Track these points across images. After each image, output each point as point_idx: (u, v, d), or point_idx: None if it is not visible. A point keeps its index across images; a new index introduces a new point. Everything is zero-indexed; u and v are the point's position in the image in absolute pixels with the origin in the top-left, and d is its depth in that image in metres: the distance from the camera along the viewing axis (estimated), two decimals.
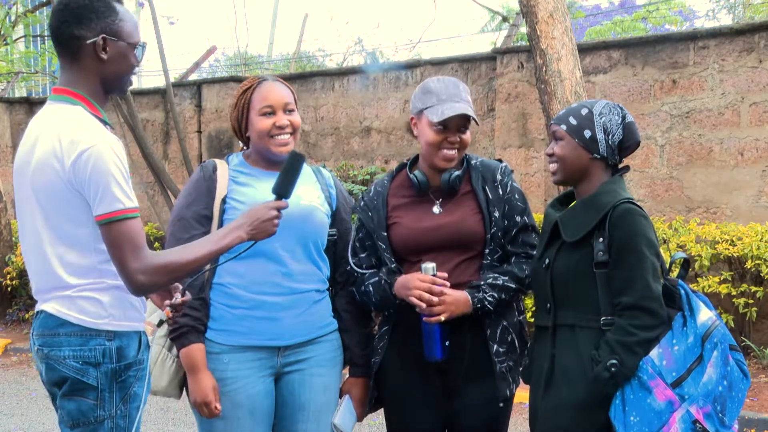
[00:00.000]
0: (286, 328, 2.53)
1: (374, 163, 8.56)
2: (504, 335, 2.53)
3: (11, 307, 9.06)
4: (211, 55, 11.75)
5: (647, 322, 2.19)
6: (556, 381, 2.31)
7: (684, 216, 6.74)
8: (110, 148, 2.00)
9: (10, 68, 12.06)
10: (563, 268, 2.33)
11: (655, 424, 2.15)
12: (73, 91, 2.09)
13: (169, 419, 5.41)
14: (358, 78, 8.71)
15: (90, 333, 2.06)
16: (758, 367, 5.81)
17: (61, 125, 2.03)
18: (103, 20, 2.07)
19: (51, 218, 2.05)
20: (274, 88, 2.59)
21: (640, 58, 7.08)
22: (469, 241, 2.53)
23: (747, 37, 6.61)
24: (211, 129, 9.36)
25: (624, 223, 2.24)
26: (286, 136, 2.55)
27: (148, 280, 1.99)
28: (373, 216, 2.58)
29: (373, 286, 2.56)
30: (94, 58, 2.08)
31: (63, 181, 2.00)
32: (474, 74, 8.04)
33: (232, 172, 2.58)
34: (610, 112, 2.36)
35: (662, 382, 2.16)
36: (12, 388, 6.47)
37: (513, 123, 7.61)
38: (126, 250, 1.97)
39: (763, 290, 5.84)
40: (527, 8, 5.80)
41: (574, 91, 5.69)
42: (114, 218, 1.97)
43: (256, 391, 2.52)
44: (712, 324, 2.23)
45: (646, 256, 2.22)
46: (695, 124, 6.83)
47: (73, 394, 2.07)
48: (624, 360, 2.16)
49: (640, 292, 2.20)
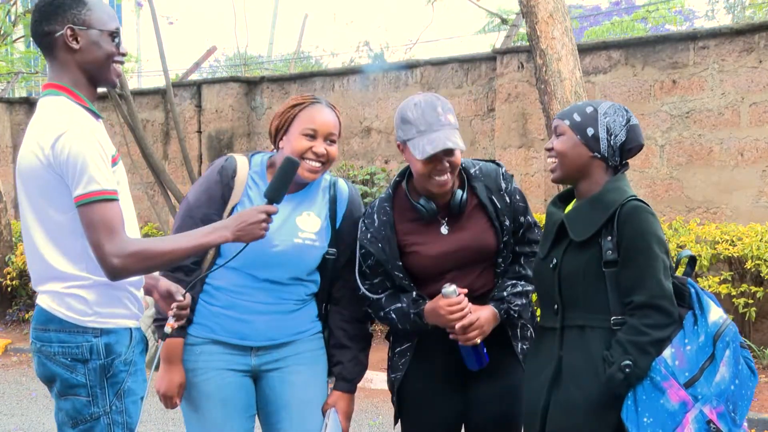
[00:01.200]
0: (258, 330, 2.54)
1: (374, 163, 8.56)
2: (524, 332, 2.61)
3: (11, 307, 9.06)
4: (211, 55, 11.74)
5: (660, 321, 2.17)
6: (564, 382, 2.28)
7: (684, 216, 6.74)
8: (88, 131, 2.04)
9: (10, 68, 12.07)
10: (571, 269, 2.30)
11: (669, 425, 2.13)
12: (57, 84, 2.14)
13: (169, 419, 5.40)
14: (358, 78, 8.71)
15: (77, 329, 2.08)
16: (758, 368, 5.81)
17: (43, 115, 2.10)
18: (69, 12, 2.12)
19: (37, 206, 2.09)
20: (324, 113, 2.52)
21: (640, 58, 7.08)
22: (485, 255, 2.55)
23: (747, 37, 6.61)
24: (211, 129, 9.36)
25: (633, 220, 2.22)
26: (318, 164, 2.49)
27: (121, 264, 1.99)
28: (385, 247, 2.52)
29: (396, 313, 2.53)
30: (65, 50, 2.12)
31: (44, 167, 2.03)
32: (474, 74, 8.04)
33: (249, 180, 2.55)
34: (615, 113, 2.34)
35: (676, 382, 2.14)
36: (12, 388, 6.47)
37: (513, 123, 7.61)
38: (101, 232, 1.98)
39: (763, 290, 5.84)
40: (527, 8, 5.80)
41: (574, 91, 5.69)
42: (90, 199, 1.99)
43: (226, 383, 2.54)
44: (724, 322, 2.21)
45: (657, 253, 2.21)
46: (695, 124, 6.83)
47: (66, 393, 2.10)
48: (637, 360, 2.14)
49: (652, 290, 2.18)
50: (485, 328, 2.47)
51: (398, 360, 2.63)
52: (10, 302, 9.09)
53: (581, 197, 2.38)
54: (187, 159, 8.58)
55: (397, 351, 2.64)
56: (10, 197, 10.21)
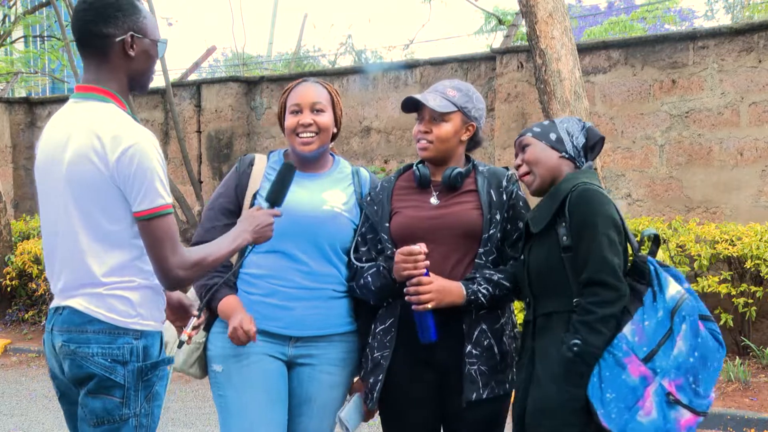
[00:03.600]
0: (299, 318, 2.58)
1: (374, 163, 8.56)
2: (480, 338, 2.52)
3: (11, 307, 9.05)
4: (210, 55, 11.74)
5: (606, 297, 2.23)
6: (536, 368, 2.36)
7: (684, 216, 6.74)
8: (152, 145, 2.06)
9: (10, 68, 12.07)
10: (535, 261, 2.40)
11: (630, 399, 2.20)
12: (103, 89, 2.13)
13: (169, 419, 5.41)
14: (358, 78, 8.71)
15: (118, 331, 2.08)
16: (758, 367, 5.81)
17: (97, 122, 2.06)
18: (130, 18, 2.12)
19: (87, 214, 2.08)
20: (306, 87, 2.67)
21: (639, 58, 7.08)
22: (466, 233, 2.54)
23: (746, 37, 6.61)
24: (210, 129, 9.36)
25: (579, 202, 2.32)
26: (309, 135, 2.62)
27: (186, 275, 2.07)
28: (378, 209, 2.63)
29: (371, 276, 2.58)
30: (122, 56, 2.13)
31: (104, 177, 2.03)
32: (473, 74, 8.04)
33: (268, 169, 2.69)
34: (570, 121, 2.52)
35: (636, 358, 2.21)
36: (12, 388, 6.47)
37: (512, 123, 7.61)
38: (166, 245, 2.04)
39: (762, 290, 5.84)
40: (527, 8, 5.80)
41: (574, 91, 5.69)
42: (156, 213, 2.03)
43: (270, 369, 2.58)
44: (681, 297, 2.27)
45: (600, 231, 2.27)
46: (695, 124, 6.83)
47: (99, 392, 2.09)
48: (587, 338, 2.21)
49: (595, 266, 2.25)
50: (443, 297, 2.44)
51: (384, 336, 2.58)
52: (10, 302, 9.08)
53: None
54: (186, 159, 8.58)
55: (383, 327, 2.60)
56: (9, 197, 10.21)
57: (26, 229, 9.28)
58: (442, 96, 2.58)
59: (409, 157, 8.36)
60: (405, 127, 8.39)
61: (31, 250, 8.49)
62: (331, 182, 2.70)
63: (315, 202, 2.61)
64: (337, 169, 2.76)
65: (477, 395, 2.49)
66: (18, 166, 10.48)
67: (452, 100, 2.57)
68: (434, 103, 2.54)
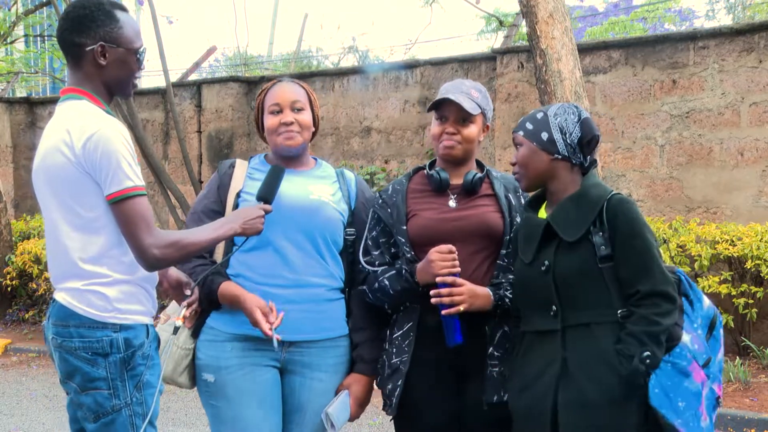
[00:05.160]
0: (292, 322, 2.51)
1: (374, 163, 8.56)
2: (502, 340, 2.53)
3: (11, 307, 9.06)
4: (211, 55, 11.75)
5: (668, 309, 2.23)
6: (573, 381, 2.27)
7: (684, 216, 6.74)
8: (117, 131, 2.13)
9: (10, 68, 12.06)
10: (566, 269, 2.31)
11: (694, 405, 2.22)
12: (78, 89, 2.23)
13: (169, 419, 5.41)
14: (358, 78, 8.71)
15: (97, 325, 2.16)
16: (758, 367, 5.81)
17: (67, 117, 2.17)
18: (102, 28, 2.20)
19: (64, 204, 2.16)
20: (283, 87, 2.68)
21: (640, 58, 7.08)
22: (488, 234, 2.54)
23: (747, 37, 6.61)
24: (211, 129, 9.36)
25: (622, 213, 2.28)
26: (292, 133, 2.63)
27: (162, 254, 2.12)
28: (393, 212, 2.60)
29: (389, 279, 2.55)
30: (93, 64, 2.22)
31: (74, 166, 2.11)
32: (474, 74, 8.04)
33: (250, 169, 2.70)
34: (565, 112, 2.41)
35: (697, 364, 2.24)
36: (12, 388, 6.47)
37: (513, 123, 7.61)
38: (140, 225, 2.10)
39: (763, 290, 5.84)
40: (527, 8, 5.80)
41: (574, 91, 5.69)
42: (126, 195, 2.10)
43: (263, 379, 2.55)
44: (715, 310, 2.39)
45: (651, 242, 2.27)
46: (695, 124, 6.83)
47: (87, 387, 2.16)
48: (655, 350, 2.20)
49: (656, 278, 2.24)
50: (473, 300, 2.43)
51: (402, 341, 2.56)
52: (10, 302, 9.09)
53: (555, 198, 2.43)
54: (186, 159, 8.57)
55: (400, 332, 2.58)
56: (9, 197, 10.22)
57: (26, 229, 9.29)
58: (468, 97, 2.56)
59: (410, 157, 8.36)
60: (405, 128, 8.39)
61: (32, 250, 8.50)
62: (315, 178, 2.70)
63: (302, 193, 2.61)
64: (320, 168, 2.76)
65: (498, 397, 2.50)
66: (18, 166, 10.49)
67: (477, 102, 2.58)
68: (468, 105, 2.53)
